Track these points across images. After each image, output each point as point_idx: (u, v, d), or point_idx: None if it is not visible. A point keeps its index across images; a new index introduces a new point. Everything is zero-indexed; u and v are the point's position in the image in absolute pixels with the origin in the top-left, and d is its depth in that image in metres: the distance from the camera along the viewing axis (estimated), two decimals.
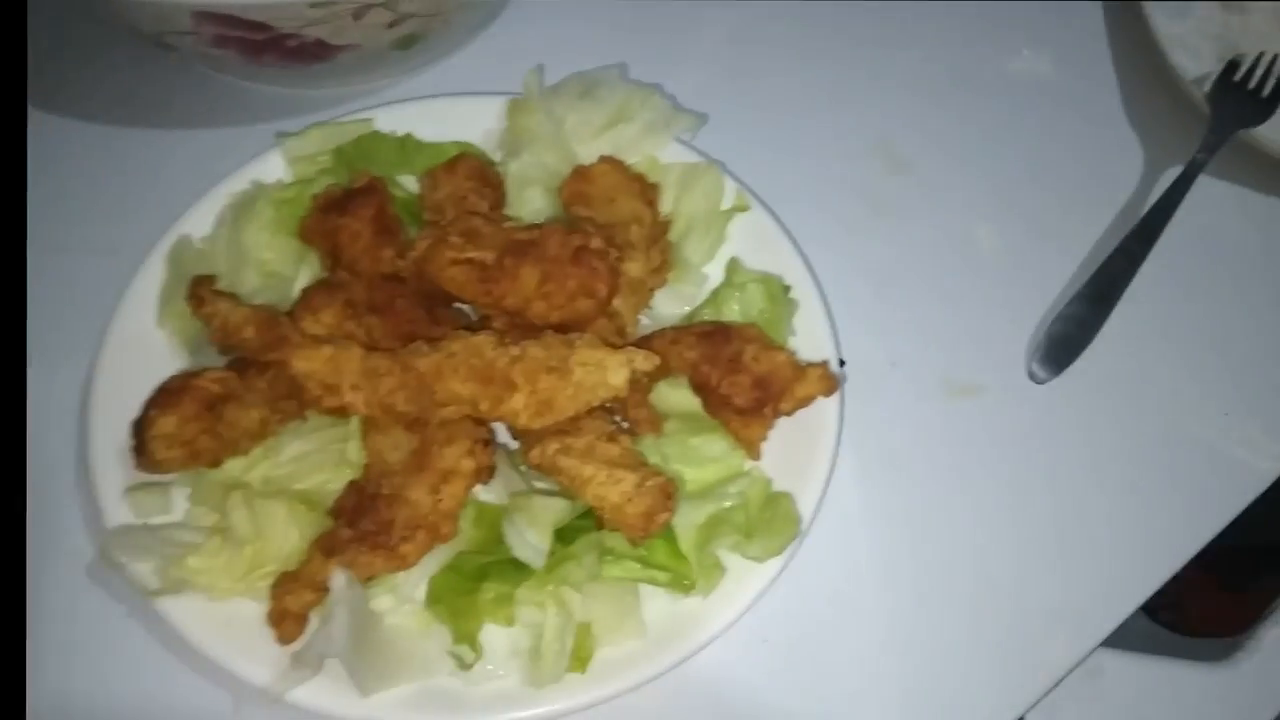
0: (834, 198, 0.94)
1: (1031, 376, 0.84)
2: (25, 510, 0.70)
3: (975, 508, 0.79)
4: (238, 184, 0.81)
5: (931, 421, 0.82)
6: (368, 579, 0.64)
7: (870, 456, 0.79)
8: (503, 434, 0.74)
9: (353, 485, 0.67)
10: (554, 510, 0.63)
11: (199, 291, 0.67)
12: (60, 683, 0.69)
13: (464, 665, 0.63)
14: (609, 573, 0.64)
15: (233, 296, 0.69)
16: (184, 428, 0.63)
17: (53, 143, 0.91)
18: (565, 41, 0.97)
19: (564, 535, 0.64)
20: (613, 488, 0.62)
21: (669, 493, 0.62)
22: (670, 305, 0.81)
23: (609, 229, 0.73)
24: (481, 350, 0.66)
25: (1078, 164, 0.97)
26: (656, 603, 0.66)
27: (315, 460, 0.71)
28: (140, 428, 0.63)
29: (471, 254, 0.69)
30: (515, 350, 0.66)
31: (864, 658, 0.72)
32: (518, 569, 0.64)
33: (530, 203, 0.83)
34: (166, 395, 0.63)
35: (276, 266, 0.79)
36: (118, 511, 0.67)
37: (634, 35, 1.00)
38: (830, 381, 0.69)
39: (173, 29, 0.83)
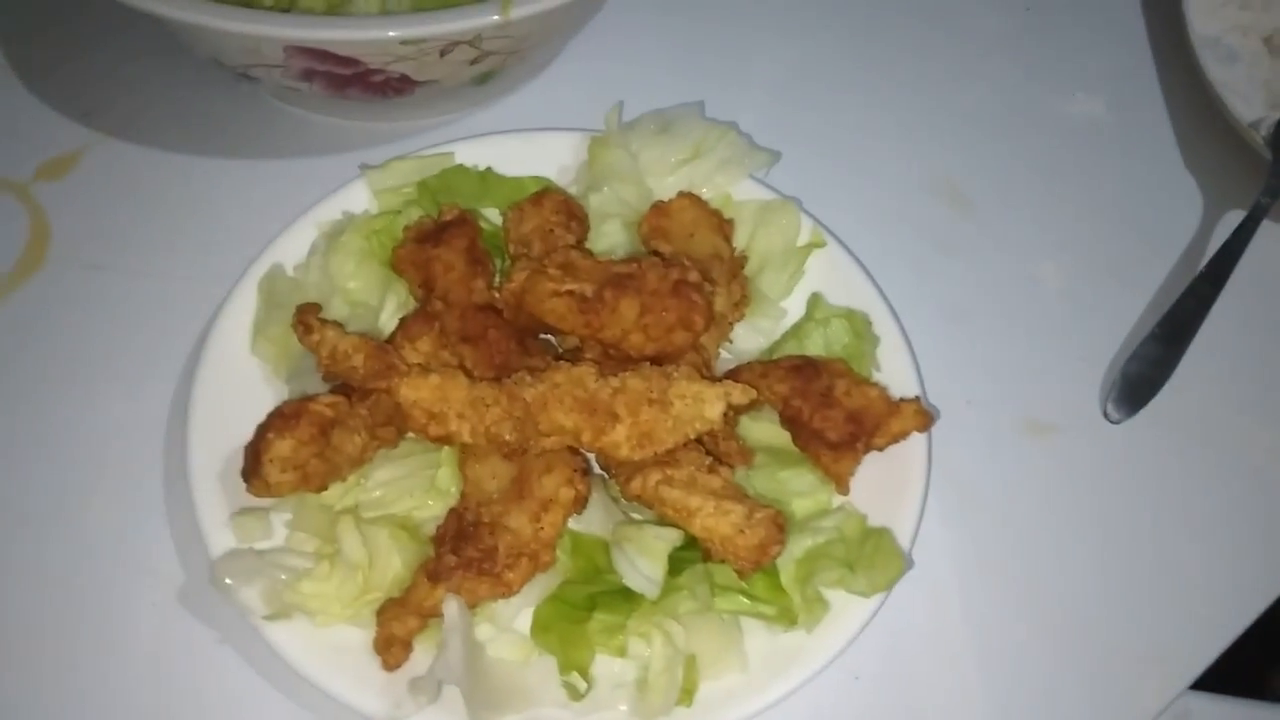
0: (900, 235, 0.95)
1: (1106, 416, 0.85)
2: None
3: (1059, 548, 0.79)
4: (326, 213, 0.82)
5: (1010, 460, 0.83)
6: (472, 606, 0.65)
7: (951, 494, 0.80)
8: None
9: (453, 513, 0.67)
10: (667, 540, 0.64)
11: (306, 319, 0.68)
12: (153, 708, 0.68)
13: (577, 695, 0.63)
14: (718, 605, 0.65)
15: (339, 325, 0.70)
16: (299, 451, 0.63)
17: (133, 171, 0.92)
18: (620, 78, 0.98)
19: (671, 566, 0.65)
20: (722, 519, 0.63)
21: (780, 524, 0.63)
22: (749, 339, 0.82)
23: (702, 263, 0.74)
24: (584, 382, 0.67)
25: (1136, 205, 0.99)
26: (754, 637, 0.66)
27: (404, 486, 0.72)
28: (256, 450, 0.64)
29: (571, 286, 0.70)
30: (616, 382, 0.67)
31: (954, 697, 0.73)
32: (627, 599, 0.64)
33: (609, 236, 0.85)
34: (283, 419, 0.64)
35: (362, 296, 0.80)
36: (220, 536, 0.67)
37: (691, 74, 1.02)
38: (925, 417, 0.70)
39: (262, 62, 0.84)
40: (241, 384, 0.74)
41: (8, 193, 0.90)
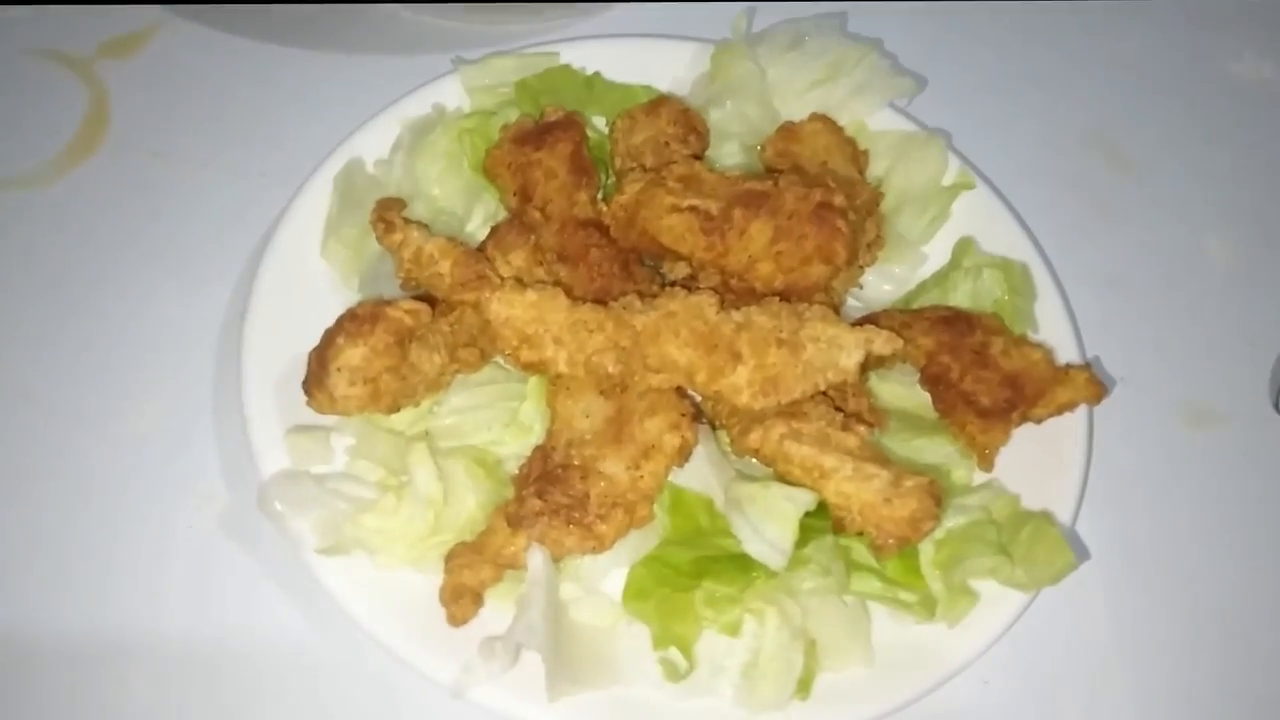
0: (1050, 189, 0.85)
1: (1277, 408, 0.74)
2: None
3: (1217, 550, 0.69)
4: (413, 108, 0.72)
5: (1167, 449, 0.73)
6: (556, 559, 0.55)
7: (1100, 481, 0.69)
8: None
9: (539, 451, 0.58)
10: (798, 503, 0.54)
11: (388, 216, 0.59)
12: (183, 645, 0.60)
13: (676, 675, 0.53)
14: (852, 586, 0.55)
15: (425, 226, 0.60)
16: (372, 362, 0.54)
17: (206, 56, 0.83)
18: None
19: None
20: (863, 484, 0.53)
21: (936, 495, 0.53)
22: (880, 287, 0.72)
23: (849, 187, 0.63)
24: (704, 312, 0.57)
25: None
26: (879, 625, 0.57)
27: (483, 416, 0.63)
28: (323, 357, 0.54)
29: (694, 202, 0.60)
30: (739, 316, 0.57)
31: (1096, 712, 0.62)
32: (742, 568, 0.54)
33: (726, 159, 0.75)
34: (356, 322, 0.55)
35: (447, 203, 0.71)
36: (273, 455, 0.58)
37: None
38: (1099, 387, 0.59)
39: None
40: (307, 289, 0.66)
41: (66, 67, 0.82)
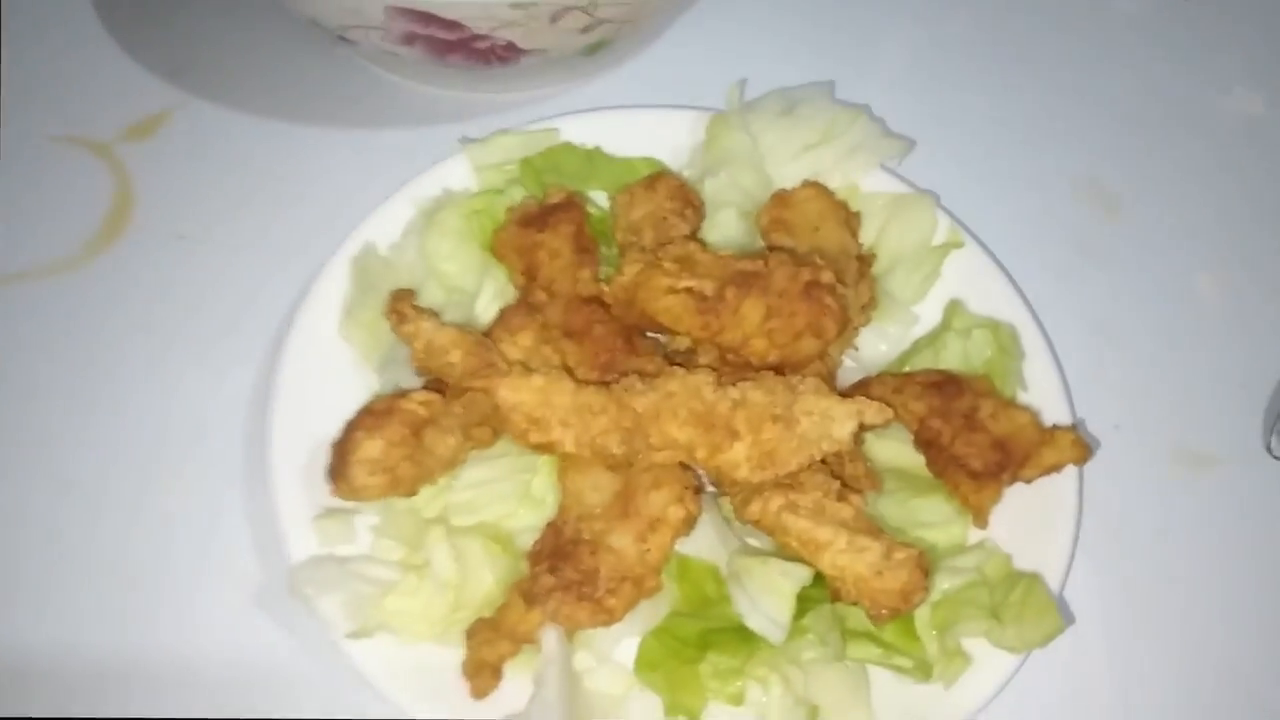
0: (1039, 238, 0.87)
1: (1270, 451, 0.76)
2: None
3: (1217, 597, 0.71)
4: (423, 189, 0.76)
5: (1163, 495, 0.75)
6: (570, 633, 0.59)
7: (1096, 530, 0.71)
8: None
9: (551, 527, 0.61)
10: (794, 578, 0.57)
11: (400, 308, 0.62)
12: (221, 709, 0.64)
13: None
14: (848, 654, 0.58)
15: (435, 315, 0.64)
16: (389, 453, 0.58)
17: (222, 135, 0.87)
18: (733, 54, 0.92)
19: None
20: (856, 557, 0.56)
21: (924, 567, 0.56)
22: (875, 347, 0.75)
23: (835, 263, 0.66)
24: (701, 392, 0.60)
25: None
26: (879, 687, 0.59)
27: (496, 490, 0.66)
28: (343, 450, 0.58)
29: (690, 283, 0.63)
30: (735, 394, 0.60)
31: None
32: (744, 639, 0.57)
33: (723, 227, 0.77)
34: (372, 417, 0.58)
35: (458, 280, 0.74)
36: (302, 539, 0.62)
37: (811, 50, 0.94)
38: (1083, 449, 0.62)
39: (361, 23, 0.79)
40: (329, 370, 0.69)
41: (91, 153, 0.86)
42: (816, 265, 0.63)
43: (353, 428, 0.58)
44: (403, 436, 0.58)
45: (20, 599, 0.68)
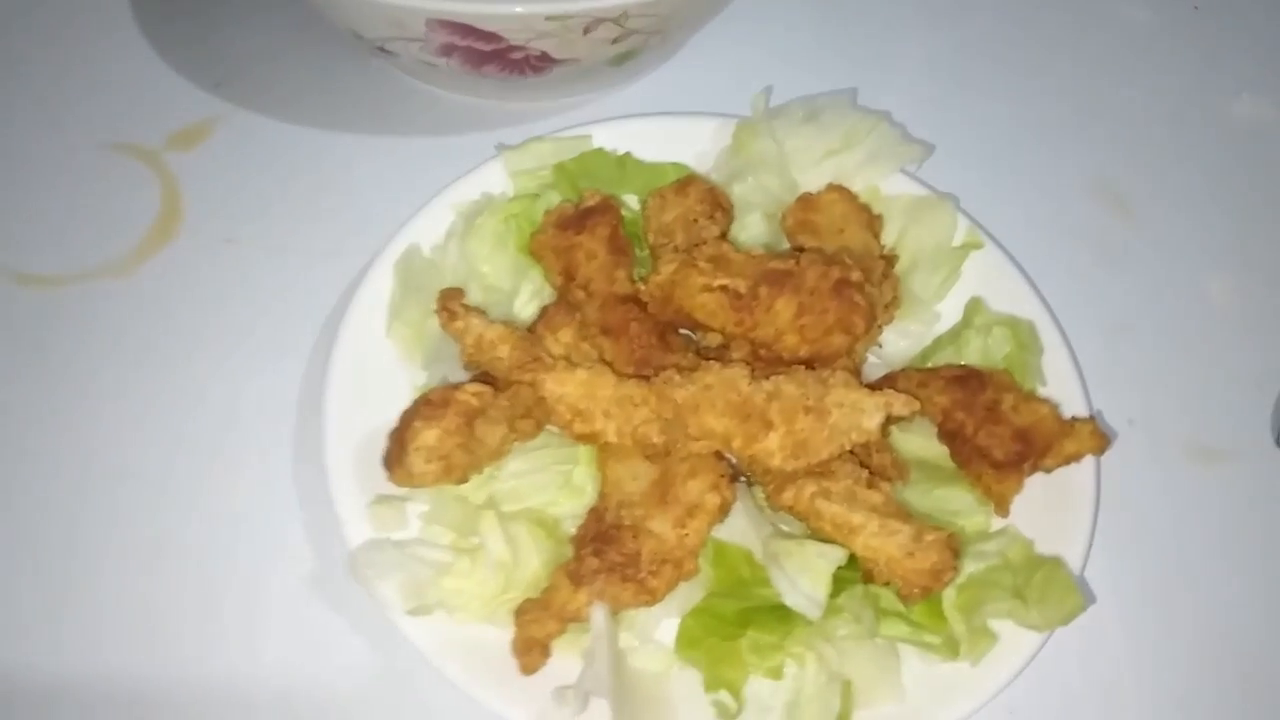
0: (1055, 239, 0.89)
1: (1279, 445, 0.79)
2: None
3: (1229, 584, 0.74)
4: (463, 194, 0.79)
5: (1176, 487, 0.77)
6: (614, 613, 0.62)
7: (1111, 520, 0.74)
8: None
9: (593, 513, 0.64)
10: (830, 558, 0.60)
11: (450, 306, 0.66)
12: (282, 692, 0.67)
13: (728, 715, 0.59)
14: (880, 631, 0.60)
15: (483, 312, 0.67)
16: (444, 441, 0.61)
17: (264, 144, 0.90)
18: (754, 63, 0.95)
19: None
20: (888, 539, 0.59)
21: (954, 548, 0.59)
22: (897, 344, 0.78)
23: (864, 262, 0.69)
24: (737, 385, 0.63)
25: None
26: (909, 664, 0.62)
27: (538, 480, 0.69)
28: (401, 439, 0.61)
29: (724, 281, 0.66)
30: (769, 386, 0.63)
31: None
32: (782, 618, 0.60)
33: (750, 229, 0.81)
34: (430, 407, 0.61)
35: (496, 281, 0.77)
36: (358, 525, 0.65)
37: (832, 59, 0.98)
38: (1102, 439, 0.65)
39: (401, 35, 0.82)
40: (376, 368, 0.72)
41: (140, 160, 0.89)
42: (846, 264, 0.66)
43: (410, 417, 0.62)
44: (457, 426, 0.61)
45: (84, 585, 0.71)
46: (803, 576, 0.59)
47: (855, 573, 0.61)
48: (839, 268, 0.66)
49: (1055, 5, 1.04)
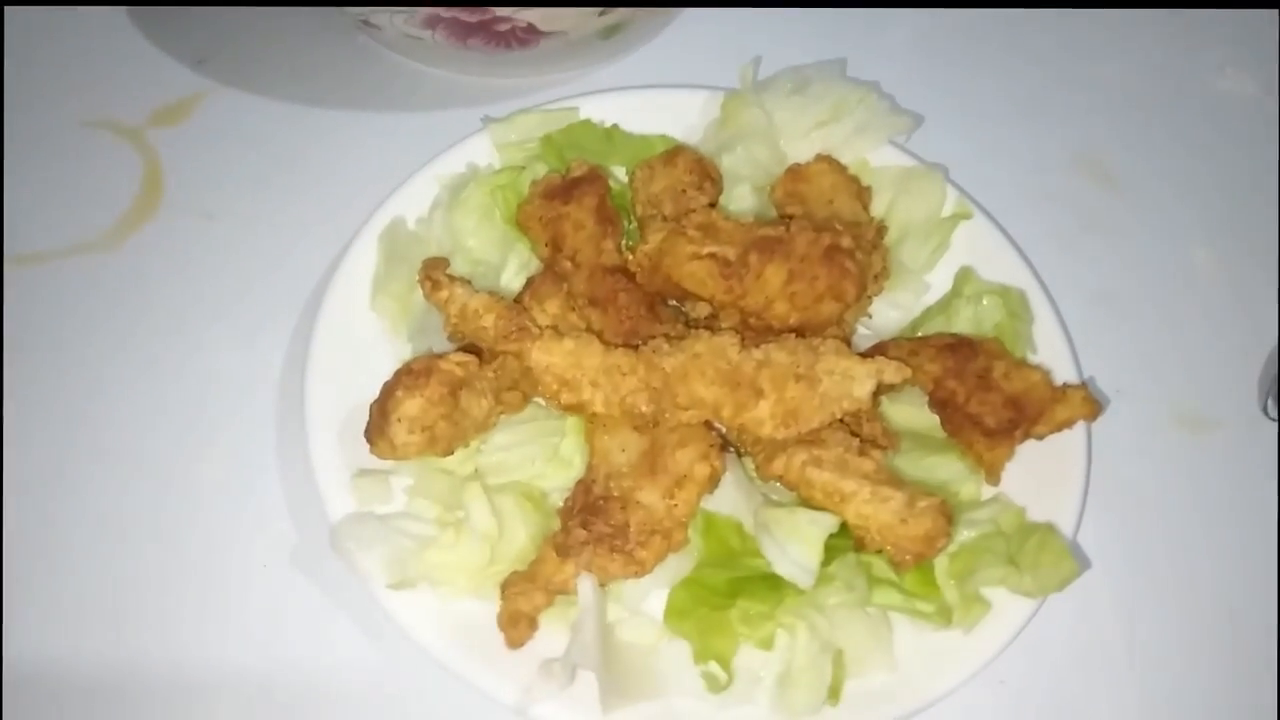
0: (1041, 210, 0.89)
1: (1265, 413, 0.79)
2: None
3: (1216, 550, 0.74)
4: (448, 166, 0.78)
5: (1163, 455, 0.78)
6: (602, 585, 0.61)
7: (1101, 488, 0.74)
8: None
9: (581, 484, 0.64)
10: (822, 525, 0.59)
11: (434, 275, 0.65)
12: (263, 666, 0.66)
13: (718, 686, 0.59)
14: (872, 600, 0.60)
15: (468, 282, 0.66)
16: (427, 411, 0.60)
17: (247, 120, 0.89)
18: (745, 36, 0.94)
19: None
20: (880, 506, 0.58)
21: (947, 514, 0.58)
22: (887, 314, 0.77)
23: (855, 229, 0.69)
24: (726, 353, 0.62)
25: None
26: (901, 633, 0.62)
27: (525, 452, 0.68)
28: (383, 409, 0.60)
29: (713, 249, 0.65)
30: (759, 354, 0.63)
31: (1105, 705, 0.68)
32: (772, 587, 0.60)
33: (739, 201, 0.80)
34: (412, 376, 0.60)
35: (483, 254, 0.77)
36: (340, 499, 0.64)
37: (821, 31, 0.97)
38: (1094, 405, 0.64)
39: (385, 4, 0.81)
40: (359, 341, 0.71)
41: (121, 137, 0.88)
42: (836, 231, 0.66)
43: (392, 387, 0.61)
44: (441, 396, 0.60)
45: (64, 560, 0.70)
46: (794, 544, 0.58)
47: (847, 541, 0.61)
48: (829, 234, 0.65)
49: None
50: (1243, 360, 0.83)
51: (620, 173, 0.81)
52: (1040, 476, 0.67)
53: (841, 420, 0.66)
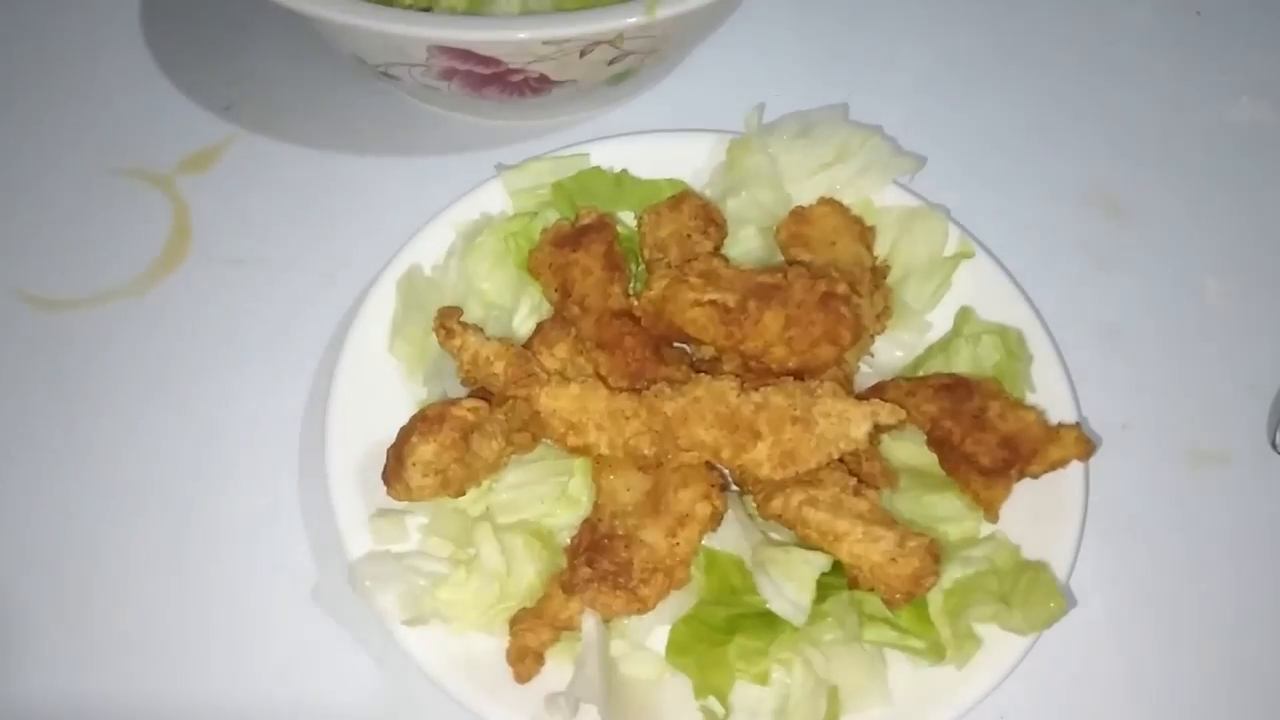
0: (1051, 246, 0.90)
1: (1275, 447, 0.79)
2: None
3: (1224, 589, 0.74)
4: (462, 214, 0.81)
5: (1171, 491, 0.78)
6: (606, 621, 0.63)
7: (1105, 523, 0.75)
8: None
9: (587, 523, 0.66)
10: (815, 564, 0.61)
11: (448, 324, 0.68)
12: (285, 704, 0.69)
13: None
14: (865, 636, 0.62)
15: (480, 330, 0.69)
16: (441, 455, 0.63)
17: (273, 166, 0.93)
18: (749, 80, 0.97)
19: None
20: (871, 546, 0.60)
21: (935, 554, 0.60)
22: (890, 353, 0.79)
23: (850, 275, 0.70)
24: (725, 397, 0.64)
25: None
26: (895, 669, 0.63)
27: (535, 492, 0.70)
28: (399, 453, 0.63)
29: (714, 296, 0.68)
30: (758, 397, 0.65)
31: None
32: (769, 624, 0.62)
33: (744, 243, 0.82)
34: (426, 422, 0.63)
35: (497, 298, 0.79)
36: (358, 538, 0.67)
37: (828, 76, 0.99)
38: (1087, 445, 0.65)
39: (404, 61, 0.84)
40: (378, 383, 0.74)
41: (152, 184, 0.92)
42: (832, 277, 0.68)
43: (408, 433, 0.64)
44: (453, 440, 0.63)
45: (92, 600, 0.73)
46: (788, 582, 0.60)
47: (841, 579, 0.63)
48: (825, 281, 0.67)
49: (1051, 13, 1.04)
50: (1253, 395, 0.83)
51: (629, 217, 0.83)
52: (1038, 513, 0.68)
53: (841, 460, 0.68)
